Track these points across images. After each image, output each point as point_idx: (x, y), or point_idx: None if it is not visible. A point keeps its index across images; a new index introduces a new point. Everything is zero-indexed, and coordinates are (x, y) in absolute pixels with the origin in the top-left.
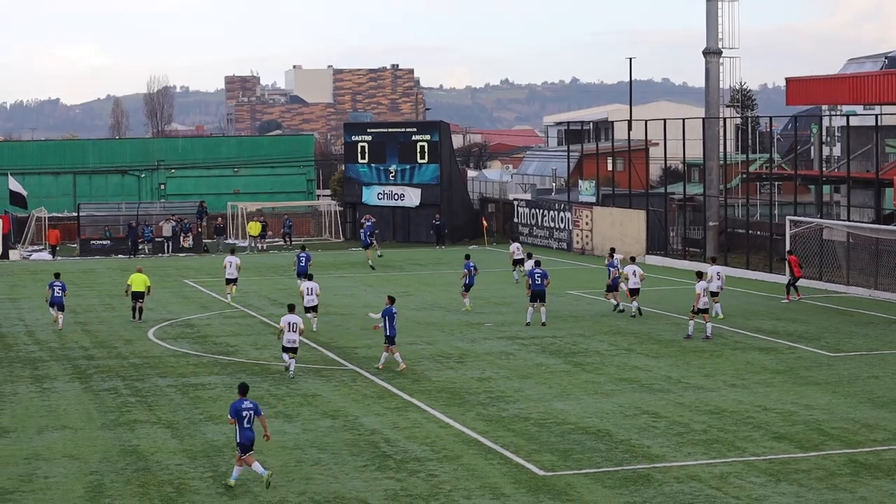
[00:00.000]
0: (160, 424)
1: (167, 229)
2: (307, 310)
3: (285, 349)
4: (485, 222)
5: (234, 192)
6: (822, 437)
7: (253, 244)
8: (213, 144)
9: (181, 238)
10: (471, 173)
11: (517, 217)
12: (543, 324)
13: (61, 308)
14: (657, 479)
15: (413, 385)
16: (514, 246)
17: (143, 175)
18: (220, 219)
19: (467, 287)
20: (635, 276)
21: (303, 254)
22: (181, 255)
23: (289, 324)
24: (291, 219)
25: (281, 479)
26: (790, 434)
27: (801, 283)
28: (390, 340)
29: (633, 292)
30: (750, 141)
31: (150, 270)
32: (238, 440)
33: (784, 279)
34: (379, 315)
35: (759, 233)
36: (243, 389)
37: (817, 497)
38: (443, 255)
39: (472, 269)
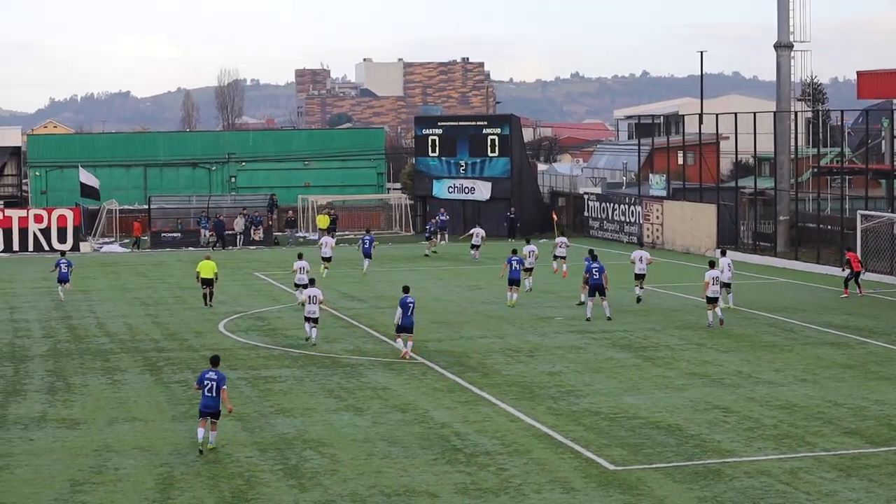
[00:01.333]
0: (230, 417)
1: (239, 223)
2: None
3: (307, 319)
4: (555, 216)
5: (305, 186)
6: (893, 433)
7: (322, 237)
8: (284, 137)
9: (252, 231)
10: (541, 167)
11: (587, 211)
12: (609, 318)
13: (66, 281)
14: (728, 473)
15: (483, 379)
16: (529, 249)
17: (213, 168)
18: (290, 212)
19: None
20: (641, 261)
21: (367, 237)
22: (252, 247)
23: (309, 296)
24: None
25: (351, 473)
26: (861, 429)
27: (873, 277)
28: (403, 329)
29: (639, 277)
30: (821, 135)
31: (221, 263)
32: (199, 407)
33: (842, 274)
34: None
35: (829, 227)
36: (214, 361)
37: (888, 492)
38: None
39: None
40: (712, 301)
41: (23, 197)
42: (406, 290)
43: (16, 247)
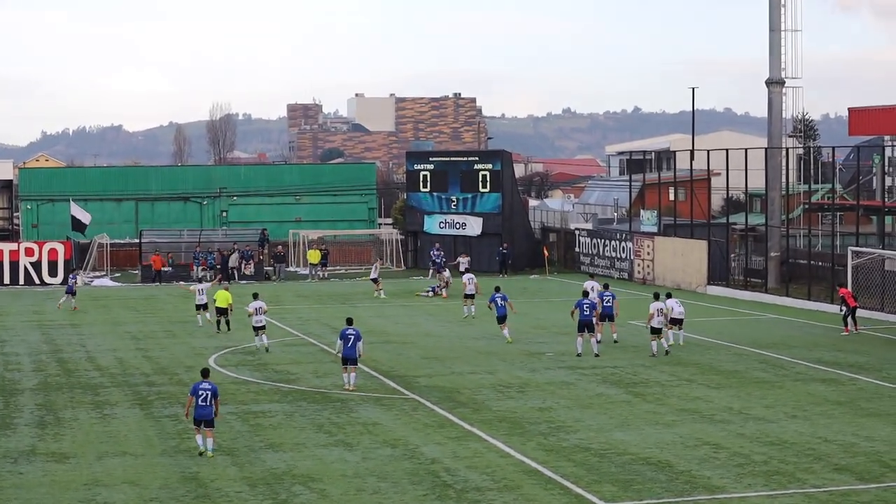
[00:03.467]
0: (220, 452)
1: (234, 259)
2: (256, 329)
3: (256, 329)
4: (546, 251)
5: (296, 220)
6: (883, 469)
7: (313, 272)
8: (275, 172)
9: (243, 266)
10: (532, 202)
11: (578, 246)
12: (596, 355)
13: (72, 294)
14: None
15: (474, 414)
16: (468, 277)
17: (205, 202)
18: (280, 247)
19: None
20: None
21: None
22: (243, 282)
23: (255, 308)
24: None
25: None
26: (851, 466)
27: (863, 314)
28: (347, 360)
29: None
30: (812, 171)
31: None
32: (194, 416)
33: (839, 312)
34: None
35: (820, 263)
36: (205, 373)
37: None
38: (504, 284)
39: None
40: (656, 332)
41: (14, 230)
42: (349, 321)
43: (6, 280)
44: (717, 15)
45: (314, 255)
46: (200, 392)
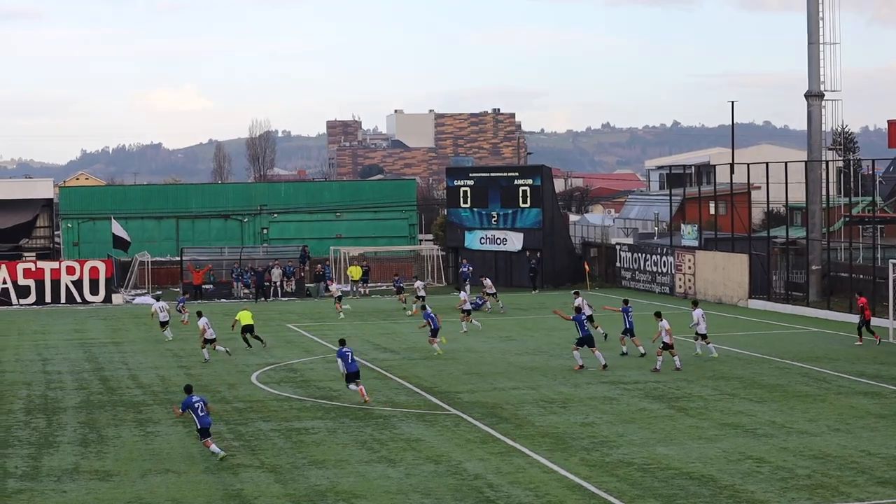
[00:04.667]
0: (264, 469)
1: (276, 275)
2: (207, 342)
3: (208, 341)
4: (587, 266)
5: (337, 237)
6: None
7: (354, 288)
8: (316, 189)
9: (284, 283)
10: (573, 217)
11: (619, 261)
12: (604, 366)
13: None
14: None
15: (516, 430)
16: (463, 294)
17: (245, 219)
18: (319, 266)
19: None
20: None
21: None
22: (283, 299)
23: (206, 324)
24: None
25: None
26: (894, 479)
27: None
28: (351, 377)
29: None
30: (852, 184)
31: (258, 315)
32: (198, 427)
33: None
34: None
35: (861, 276)
36: (189, 389)
37: None
38: (545, 300)
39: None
40: (668, 347)
41: (55, 249)
42: (342, 342)
43: (48, 298)
44: (755, 28)
45: (355, 272)
46: (196, 404)
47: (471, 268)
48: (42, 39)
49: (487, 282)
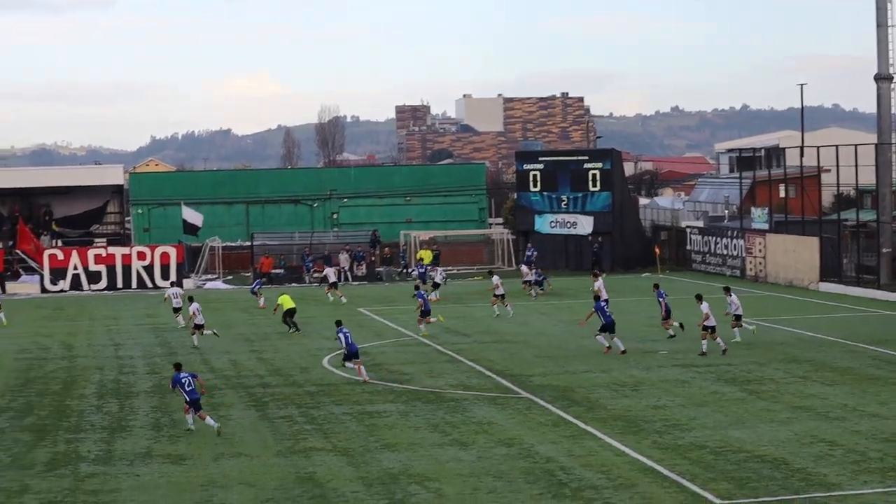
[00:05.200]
0: (336, 452)
1: (343, 259)
2: (197, 328)
3: (198, 326)
4: (658, 250)
5: (407, 221)
6: None
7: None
8: (385, 173)
9: (355, 267)
10: (642, 201)
11: (690, 244)
12: (623, 351)
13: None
14: None
15: (588, 413)
16: (496, 279)
17: (315, 204)
18: (387, 249)
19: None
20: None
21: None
22: (354, 283)
23: (197, 309)
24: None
25: None
26: None
27: None
28: (352, 356)
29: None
30: None
31: (324, 299)
32: (188, 400)
33: None
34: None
35: None
36: (178, 367)
37: None
38: (613, 284)
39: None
40: (710, 329)
41: (125, 234)
42: (339, 323)
43: (119, 284)
44: (825, 11)
45: (426, 256)
46: (185, 380)
47: (535, 252)
48: (113, 26)
49: (524, 269)
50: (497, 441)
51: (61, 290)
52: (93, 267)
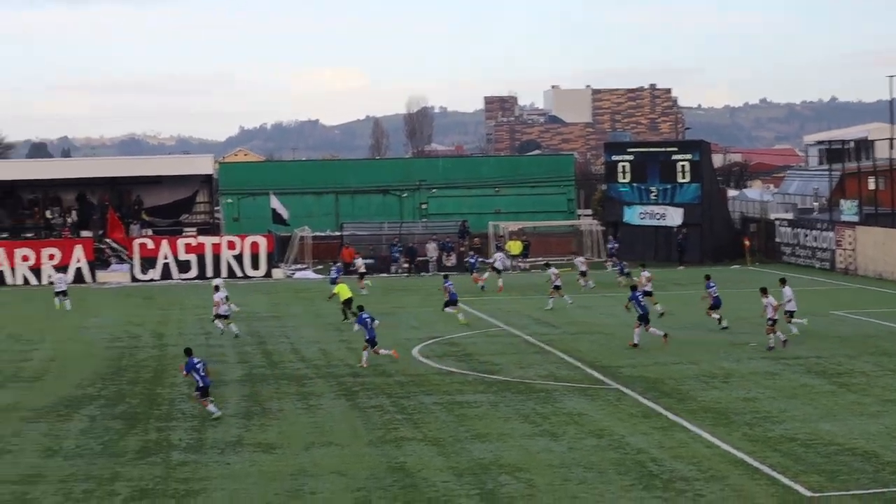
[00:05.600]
0: (426, 442)
1: (432, 249)
2: (219, 317)
3: (218, 316)
4: (747, 242)
5: (495, 212)
6: None
7: (514, 263)
8: (474, 164)
9: (444, 257)
10: (731, 193)
11: (778, 237)
12: (664, 336)
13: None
14: None
15: (678, 405)
16: (552, 271)
17: (404, 195)
18: (476, 239)
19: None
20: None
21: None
22: (442, 273)
23: (221, 299)
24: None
25: (547, 498)
26: None
27: None
28: (371, 342)
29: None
30: None
31: (414, 289)
32: (200, 385)
33: None
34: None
35: None
36: (189, 352)
37: None
38: (683, 276)
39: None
40: (773, 323)
41: (215, 224)
42: (361, 308)
43: (209, 273)
44: None
45: (515, 247)
46: (198, 365)
47: (617, 245)
48: (201, 17)
49: (580, 259)
50: (587, 432)
51: (151, 279)
52: (182, 256)
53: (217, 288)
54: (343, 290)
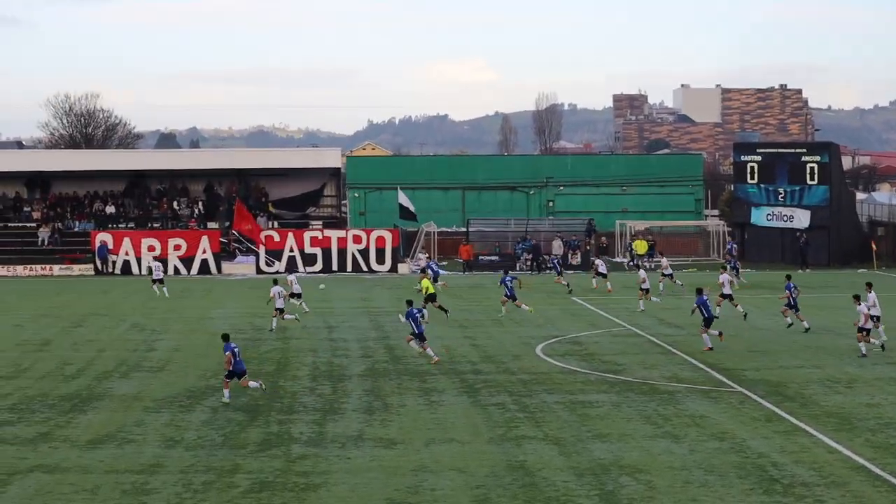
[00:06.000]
0: (547, 441)
1: (557, 247)
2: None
3: (278, 310)
4: (874, 245)
5: (622, 211)
6: None
7: (639, 263)
8: (602, 162)
9: (569, 255)
10: (859, 196)
11: None
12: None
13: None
14: None
15: (801, 409)
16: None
17: (531, 192)
18: (603, 238)
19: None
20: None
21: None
22: (569, 272)
23: (277, 293)
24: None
25: (667, 500)
26: None
27: None
28: (420, 337)
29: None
30: None
31: (537, 288)
32: (235, 370)
33: None
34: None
35: None
36: (226, 337)
37: None
38: (828, 279)
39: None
40: (863, 331)
41: (341, 218)
42: (409, 303)
43: (334, 267)
44: None
45: (641, 246)
46: (236, 350)
47: (736, 246)
48: (330, 11)
49: (664, 261)
50: (709, 435)
51: (276, 272)
52: (308, 249)
53: (275, 282)
54: (427, 285)
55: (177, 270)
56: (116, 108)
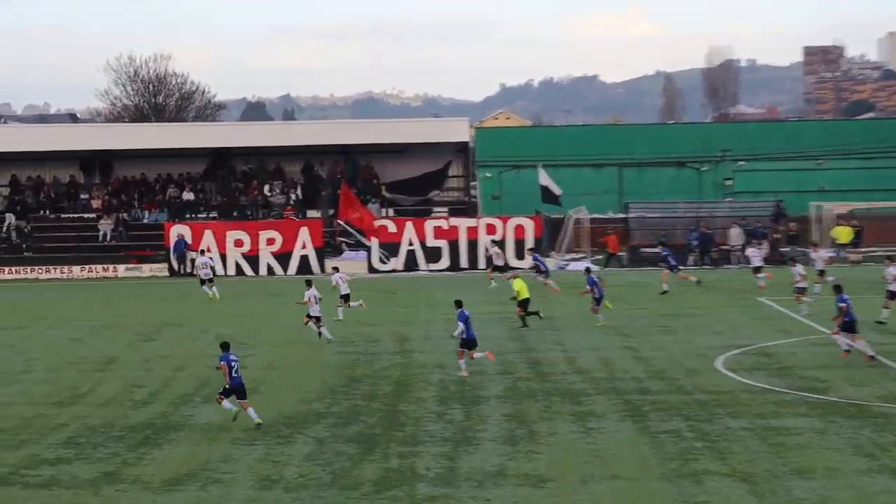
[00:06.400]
0: (734, 477)
1: (736, 235)
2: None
3: (314, 318)
4: None
5: (819, 190)
6: None
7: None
8: (791, 130)
9: (754, 245)
10: None
11: None
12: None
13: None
14: None
15: None
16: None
17: (704, 168)
18: (792, 224)
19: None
20: None
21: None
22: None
23: (313, 297)
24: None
25: None
26: None
27: None
28: (469, 345)
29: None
30: None
31: (715, 285)
32: (230, 386)
33: None
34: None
35: None
36: (226, 346)
37: None
38: None
39: None
40: None
41: (471, 203)
42: (459, 304)
43: (464, 263)
44: None
45: (843, 233)
46: (233, 363)
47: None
48: None
49: (823, 253)
50: None
51: (393, 270)
52: (431, 242)
53: (309, 283)
54: (522, 289)
55: (270, 270)
56: (192, 72)
